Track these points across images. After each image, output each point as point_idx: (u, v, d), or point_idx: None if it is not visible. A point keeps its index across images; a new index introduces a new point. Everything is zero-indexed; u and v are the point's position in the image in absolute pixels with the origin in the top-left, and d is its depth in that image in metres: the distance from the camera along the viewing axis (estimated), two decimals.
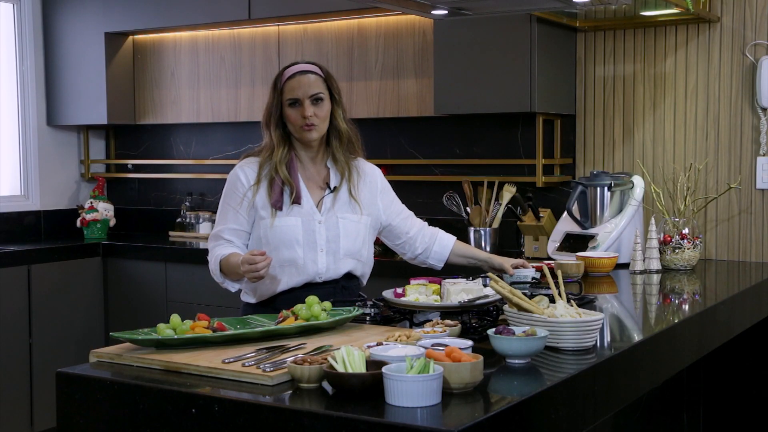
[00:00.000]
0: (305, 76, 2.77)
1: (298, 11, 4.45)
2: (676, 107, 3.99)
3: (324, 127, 2.79)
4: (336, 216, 2.79)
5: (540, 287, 2.69)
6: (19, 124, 5.22)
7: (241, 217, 2.77)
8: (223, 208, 2.83)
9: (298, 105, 2.74)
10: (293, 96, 2.75)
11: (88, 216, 5.13)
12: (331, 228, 2.77)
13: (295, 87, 2.75)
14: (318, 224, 2.76)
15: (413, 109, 4.38)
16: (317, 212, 2.77)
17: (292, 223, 2.74)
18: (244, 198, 2.77)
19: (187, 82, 5.02)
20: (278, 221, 2.74)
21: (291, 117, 2.76)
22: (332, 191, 2.81)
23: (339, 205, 2.80)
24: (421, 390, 1.61)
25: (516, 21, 3.88)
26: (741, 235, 3.88)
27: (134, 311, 4.75)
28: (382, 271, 4.07)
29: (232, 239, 2.78)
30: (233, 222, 2.78)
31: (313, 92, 2.75)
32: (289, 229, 2.74)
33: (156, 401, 1.82)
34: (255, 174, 2.78)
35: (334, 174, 2.84)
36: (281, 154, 2.78)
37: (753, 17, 3.81)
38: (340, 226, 2.78)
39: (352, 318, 2.33)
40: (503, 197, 4.12)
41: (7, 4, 5.16)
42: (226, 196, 2.83)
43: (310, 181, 2.82)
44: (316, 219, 2.76)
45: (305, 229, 2.75)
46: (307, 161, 2.84)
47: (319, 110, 2.75)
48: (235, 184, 2.80)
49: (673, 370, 2.62)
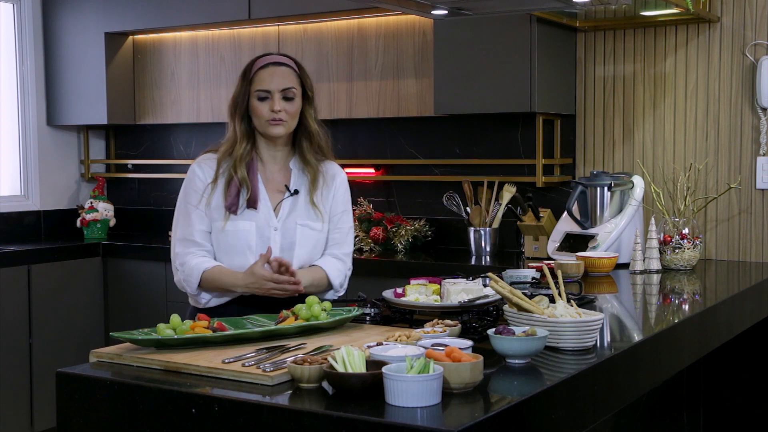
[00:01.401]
0: (279, 68, 2.62)
1: (298, 11, 4.45)
2: (676, 107, 3.98)
3: (292, 124, 2.64)
4: (295, 223, 2.64)
5: (540, 287, 2.69)
6: (19, 124, 5.22)
7: (206, 218, 2.62)
8: (185, 208, 2.66)
9: (267, 98, 2.59)
10: (263, 87, 2.59)
11: (88, 216, 5.13)
12: (287, 236, 2.62)
13: (267, 79, 2.60)
14: (273, 231, 2.61)
15: (413, 109, 4.38)
16: (273, 218, 2.62)
17: (245, 228, 2.59)
18: (203, 197, 2.62)
19: (187, 82, 5.02)
20: (230, 225, 2.59)
21: (258, 110, 2.60)
22: (292, 194, 2.65)
23: (298, 211, 2.65)
24: (421, 390, 1.61)
25: (516, 21, 3.88)
26: (741, 235, 3.88)
27: (134, 311, 4.75)
28: (382, 271, 4.09)
29: (204, 243, 2.62)
30: (200, 223, 2.62)
31: (286, 86, 2.60)
32: (242, 235, 2.59)
33: (156, 401, 1.82)
34: (213, 171, 2.63)
35: (297, 176, 2.68)
36: (243, 150, 2.62)
37: (753, 17, 3.81)
38: (298, 233, 2.63)
39: (352, 318, 2.33)
40: (503, 197, 4.12)
41: (7, 4, 5.16)
42: (186, 195, 2.67)
43: (269, 183, 2.66)
44: (272, 225, 2.61)
45: (259, 236, 2.60)
46: (268, 160, 2.68)
47: (290, 106, 2.60)
48: (194, 182, 2.65)
49: (673, 370, 2.62)
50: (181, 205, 2.68)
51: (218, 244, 2.62)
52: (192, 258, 2.61)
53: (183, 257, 2.63)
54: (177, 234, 2.67)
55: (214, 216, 2.61)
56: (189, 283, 2.62)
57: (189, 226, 2.63)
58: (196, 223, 2.62)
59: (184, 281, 2.63)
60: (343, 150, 4.78)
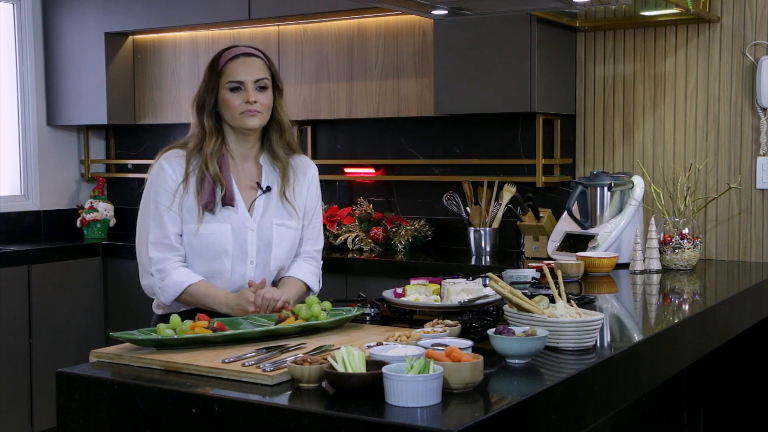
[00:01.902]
0: (250, 58, 2.52)
1: (298, 11, 4.45)
2: (676, 107, 3.98)
3: (267, 116, 2.53)
4: (271, 222, 2.54)
5: (540, 287, 2.69)
6: (19, 124, 5.22)
7: (179, 219, 2.48)
8: (155, 210, 2.49)
9: (240, 89, 2.49)
10: (236, 78, 2.48)
11: (88, 216, 5.13)
12: (263, 236, 2.53)
13: (239, 69, 2.49)
14: (250, 232, 2.51)
15: (413, 109, 4.38)
16: (249, 218, 2.52)
17: (221, 231, 2.48)
18: (175, 196, 2.47)
19: (187, 82, 5.02)
20: (205, 228, 2.47)
21: (231, 102, 2.48)
22: (264, 192, 2.56)
23: (273, 209, 2.56)
24: (421, 390, 1.61)
25: (516, 21, 3.88)
26: (741, 235, 3.88)
27: (134, 311, 4.75)
28: (382, 271, 4.09)
29: (179, 246, 2.49)
30: (173, 225, 2.48)
31: (259, 77, 2.50)
32: (217, 238, 2.48)
33: (156, 401, 1.82)
34: (183, 169, 2.48)
35: (268, 172, 2.58)
36: (213, 147, 2.49)
37: (753, 17, 3.81)
38: (275, 233, 2.54)
39: (352, 318, 2.33)
40: (503, 197, 4.12)
41: (7, 4, 5.16)
42: (156, 195, 2.49)
43: (240, 180, 2.55)
44: (248, 227, 2.51)
45: (235, 238, 2.49)
46: (238, 157, 2.56)
47: (264, 98, 2.50)
48: (165, 181, 2.48)
49: (673, 370, 2.62)
50: (150, 206, 2.52)
51: (191, 247, 2.50)
52: (172, 267, 2.49)
53: (160, 263, 2.49)
54: (150, 237, 2.51)
55: (186, 218, 2.48)
56: (165, 294, 2.50)
57: (162, 229, 2.49)
58: (169, 225, 2.48)
59: (160, 290, 2.51)
60: (343, 150, 4.79)
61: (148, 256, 2.52)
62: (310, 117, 4.62)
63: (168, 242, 2.50)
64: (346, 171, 4.75)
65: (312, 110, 4.60)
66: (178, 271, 2.50)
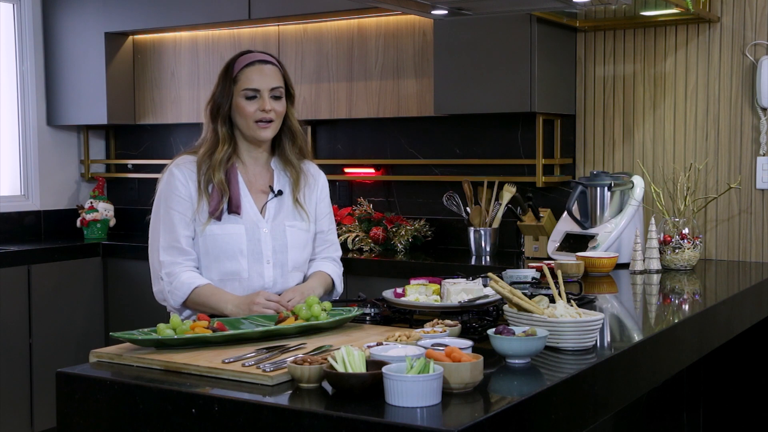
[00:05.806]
0: (266, 66, 2.54)
1: (298, 11, 4.45)
2: (676, 107, 3.99)
3: (278, 125, 2.55)
4: (284, 224, 2.56)
5: (540, 287, 2.69)
6: (19, 124, 5.22)
7: (191, 224, 2.50)
8: (165, 215, 2.51)
9: (255, 97, 2.50)
10: (252, 86, 2.49)
11: (88, 216, 5.13)
12: (277, 237, 2.55)
13: (255, 77, 2.50)
14: (263, 233, 2.53)
15: (413, 109, 4.38)
16: (261, 219, 2.54)
17: (234, 231, 2.50)
18: (186, 201, 2.50)
19: (187, 82, 5.02)
20: (219, 228, 2.49)
21: (246, 110, 2.49)
22: (276, 195, 2.58)
23: (284, 212, 2.58)
24: (421, 390, 1.61)
25: (516, 21, 3.88)
26: (741, 235, 3.88)
27: (134, 311, 4.75)
28: (382, 271, 4.09)
29: (191, 250, 2.51)
30: (185, 229, 2.50)
31: (274, 85, 2.51)
32: (232, 238, 2.49)
33: (156, 401, 1.82)
34: (194, 174, 2.52)
35: (279, 177, 2.61)
36: (223, 154, 2.51)
37: (753, 17, 3.81)
38: (288, 235, 2.56)
39: (352, 318, 2.33)
40: (503, 197, 4.12)
41: (7, 4, 5.16)
42: (167, 200, 2.52)
43: (251, 185, 2.58)
44: (261, 227, 2.53)
45: (249, 239, 2.51)
46: (249, 162, 2.59)
47: (278, 106, 2.52)
48: (176, 186, 2.52)
49: (673, 370, 2.62)
50: (162, 211, 2.54)
51: (206, 248, 2.51)
52: (181, 270, 2.51)
53: (170, 267, 2.51)
54: (161, 241, 2.52)
55: (199, 219, 2.51)
56: (174, 296, 2.51)
57: (173, 233, 2.50)
58: (180, 229, 2.50)
59: (169, 293, 2.52)
60: (343, 150, 4.79)
61: (159, 260, 2.54)
62: (310, 117, 4.62)
63: (178, 246, 2.51)
64: (346, 171, 4.75)
65: (312, 110, 4.60)
66: (187, 273, 2.51)
